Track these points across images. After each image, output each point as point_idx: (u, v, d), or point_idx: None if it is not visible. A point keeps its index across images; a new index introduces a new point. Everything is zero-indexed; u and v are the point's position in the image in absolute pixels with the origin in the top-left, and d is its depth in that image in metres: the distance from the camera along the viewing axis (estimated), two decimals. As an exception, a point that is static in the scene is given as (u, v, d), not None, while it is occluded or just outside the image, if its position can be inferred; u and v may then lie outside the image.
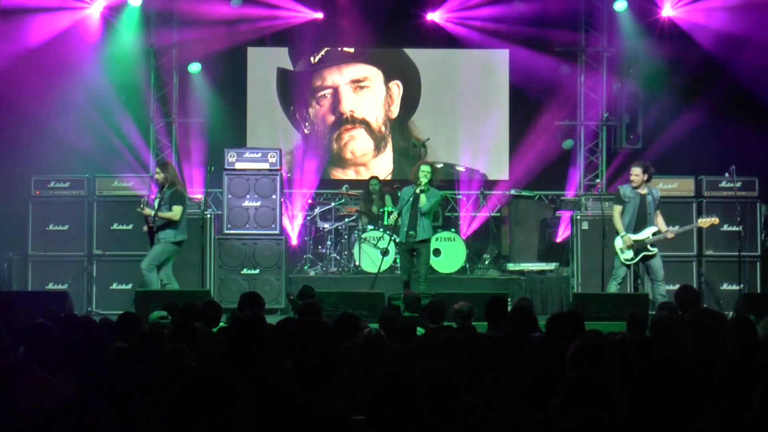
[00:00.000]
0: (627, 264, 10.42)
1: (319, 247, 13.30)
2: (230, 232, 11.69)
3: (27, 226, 11.90)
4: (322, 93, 14.57)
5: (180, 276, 11.51)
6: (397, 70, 14.64)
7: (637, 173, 10.30)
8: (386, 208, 12.84)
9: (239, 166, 11.76)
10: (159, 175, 10.44)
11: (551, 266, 12.65)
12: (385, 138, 14.63)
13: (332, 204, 13.51)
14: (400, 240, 10.84)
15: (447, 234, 12.79)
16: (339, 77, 14.56)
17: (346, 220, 13.17)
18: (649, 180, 10.41)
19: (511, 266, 12.78)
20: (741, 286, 11.52)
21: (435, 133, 14.33)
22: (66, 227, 11.92)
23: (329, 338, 4.21)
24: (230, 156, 11.80)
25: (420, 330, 6.67)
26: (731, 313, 9.61)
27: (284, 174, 12.42)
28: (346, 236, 13.06)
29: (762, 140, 12.42)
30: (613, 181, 13.38)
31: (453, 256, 12.68)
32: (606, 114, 14.04)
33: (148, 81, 13.76)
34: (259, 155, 11.85)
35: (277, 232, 11.76)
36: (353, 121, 14.57)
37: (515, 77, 14.28)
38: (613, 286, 10.42)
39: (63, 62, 12.55)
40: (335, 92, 14.56)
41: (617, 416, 3.18)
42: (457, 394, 3.71)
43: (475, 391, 3.71)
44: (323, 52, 14.51)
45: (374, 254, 12.20)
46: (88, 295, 11.87)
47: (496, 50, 14.38)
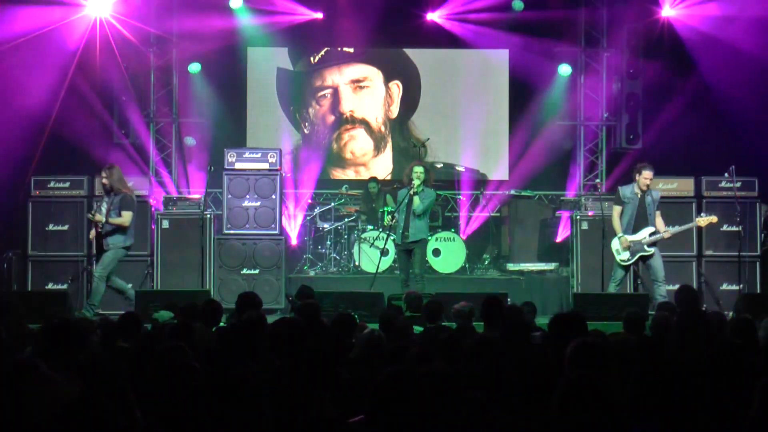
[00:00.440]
0: (624, 265, 10.41)
1: (319, 247, 13.30)
2: (230, 232, 11.69)
3: (27, 226, 11.90)
4: (322, 93, 14.57)
5: (180, 276, 11.54)
6: (397, 70, 14.64)
7: (650, 176, 10.26)
8: (386, 208, 12.84)
9: (239, 166, 11.76)
10: (105, 180, 10.15)
11: (551, 266, 12.65)
12: (385, 138, 14.63)
13: (332, 204, 13.52)
14: (397, 241, 10.85)
15: (447, 234, 12.79)
16: (339, 77, 14.56)
17: (346, 220, 13.17)
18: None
19: (511, 266, 12.77)
20: (741, 287, 11.52)
21: (435, 133, 14.33)
22: (66, 227, 11.92)
23: (319, 340, 4.19)
24: (230, 156, 11.80)
25: (418, 329, 6.68)
26: (731, 314, 9.63)
27: (284, 174, 12.41)
28: (346, 236, 13.06)
29: (762, 140, 12.42)
30: (613, 182, 13.35)
31: (453, 256, 12.68)
32: (606, 114, 14.03)
33: (148, 81, 13.75)
34: (259, 155, 11.85)
35: (277, 232, 11.77)
36: (353, 121, 14.56)
37: (515, 77, 14.28)
38: (612, 288, 10.43)
39: (63, 61, 12.53)
40: (335, 92, 14.56)
41: (617, 416, 3.18)
42: (457, 394, 3.71)
43: (475, 391, 3.71)
44: (323, 52, 14.51)
45: (374, 254, 12.20)
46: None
47: (496, 50, 14.37)
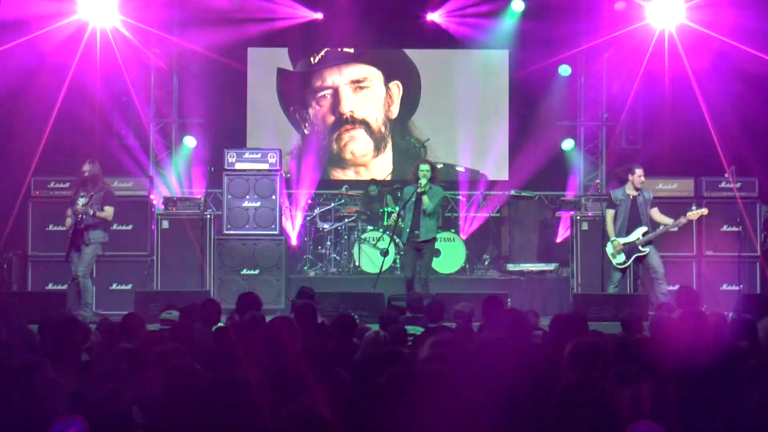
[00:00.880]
0: (621, 268, 10.40)
1: (319, 248, 13.29)
2: (230, 233, 11.69)
3: (27, 226, 11.90)
4: (322, 93, 14.56)
5: (180, 276, 11.53)
6: (397, 71, 14.63)
7: (642, 173, 10.30)
8: (386, 209, 12.83)
9: (239, 167, 11.76)
10: (87, 172, 10.22)
11: (551, 267, 12.64)
12: (385, 138, 14.62)
13: (332, 204, 13.51)
14: (403, 241, 10.78)
15: (447, 234, 12.78)
16: (339, 77, 14.55)
17: (346, 221, 13.17)
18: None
19: (511, 267, 12.77)
20: (740, 287, 11.51)
21: (435, 133, 14.32)
22: (66, 227, 11.89)
23: (315, 340, 4.18)
24: (230, 156, 11.81)
25: (418, 329, 6.68)
26: (731, 314, 9.62)
27: (284, 174, 12.41)
28: (346, 237, 13.06)
29: (762, 140, 12.41)
30: (613, 182, 13.34)
31: (453, 257, 12.68)
32: (606, 114, 14.03)
33: (148, 81, 13.75)
34: (259, 156, 11.86)
35: (277, 233, 11.77)
36: (353, 122, 14.56)
37: (515, 77, 14.27)
38: (611, 290, 10.44)
39: (64, 61, 12.52)
40: (335, 92, 14.55)
41: (616, 416, 3.19)
42: (457, 394, 3.71)
43: (474, 391, 3.70)
44: (323, 53, 14.51)
45: (374, 255, 12.19)
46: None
47: (496, 50, 14.37)
